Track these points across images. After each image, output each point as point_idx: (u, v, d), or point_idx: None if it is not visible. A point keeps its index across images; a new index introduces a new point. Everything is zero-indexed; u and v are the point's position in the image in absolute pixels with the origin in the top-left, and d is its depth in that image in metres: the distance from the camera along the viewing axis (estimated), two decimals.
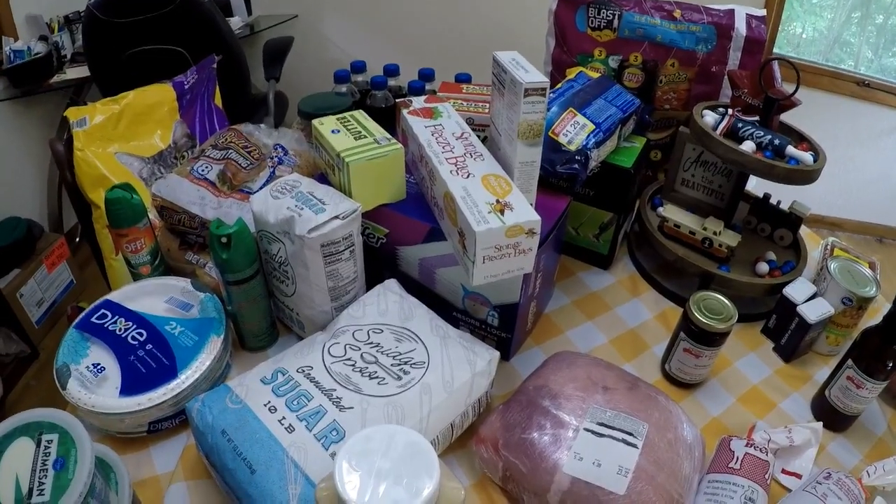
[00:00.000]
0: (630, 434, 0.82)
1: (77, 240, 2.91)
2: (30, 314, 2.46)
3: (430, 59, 2.32)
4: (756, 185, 1.36)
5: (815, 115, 3.14)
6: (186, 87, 1.47)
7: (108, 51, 2.29)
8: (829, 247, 1.29)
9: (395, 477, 0.56)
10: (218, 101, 1.55)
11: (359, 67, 1.43)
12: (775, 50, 3.26)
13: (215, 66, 1.54)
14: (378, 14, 3.32)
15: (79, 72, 2.64)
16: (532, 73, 0.86)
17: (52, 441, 0.69)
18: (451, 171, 0.89)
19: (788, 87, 1.11)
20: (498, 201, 0.83)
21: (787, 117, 1.17)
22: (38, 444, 0.69)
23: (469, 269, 0.85)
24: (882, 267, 3.33)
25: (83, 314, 0.98)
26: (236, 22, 3.01)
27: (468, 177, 0.88)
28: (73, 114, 1.34)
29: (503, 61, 0.90)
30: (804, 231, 1.36)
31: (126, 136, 1.39)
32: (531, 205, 0.85)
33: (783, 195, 1.28)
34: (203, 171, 1.12)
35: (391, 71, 1.42)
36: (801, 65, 3.27)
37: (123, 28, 2.24)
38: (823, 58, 3.39)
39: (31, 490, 0.65)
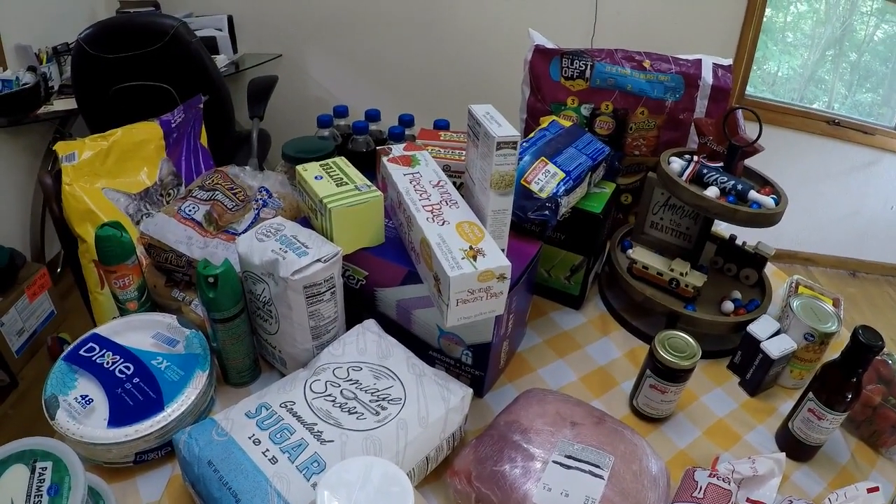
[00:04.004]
0: (596, 466, 0.86)
1: (59, 270, 2.91)
2: (10, 343, 2.45)
3: (411, 100, 2.38)
4: (727, 227, 1.41)
5: (787, 153, 3.23)
6: (173, 125, 1.50)
7: (96, 85, 2.33)
8: (793, 284, 1.33)
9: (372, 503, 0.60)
10: (204, 140, 1.58)
11: (341, 112, 1.46)
12: (750, 89, 3.34)
13: (202, 105, 1.58)
14: (361, 56, 3.37)
15: (66, 103, 2.65)
16: (504, 127, 0.91)
17: (46, 468, 0.72)
18: (427, 218, 0.93)
19: (755, 132, 1.16)
20: (471, 247, 0.88)
21: (756, 158, 1.21)
22: (33, 471, 0.71)
23: (443, 311, 0.89)
24: (855, 300, 3.41)
25: (71, 347, 1.00)
26: (222, 60, 3.04)
27: (443, 224, 0.93)
28: (61, 148, 1.36)
29: (477, 114, 0.94)
30: (771, 269, 1.41)
31: (113, 172, 1.41)
32: (503, 251, 0.90)
33: (752, 234, 1.33)
34: (190, 211, 1.16)
35: (372, 116, 1.45)
36: (773, 105, 3.36)
37: (112, 63, 2.27)
38: (799, 95, 3.47)
39: None
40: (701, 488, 0.90)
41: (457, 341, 1.04)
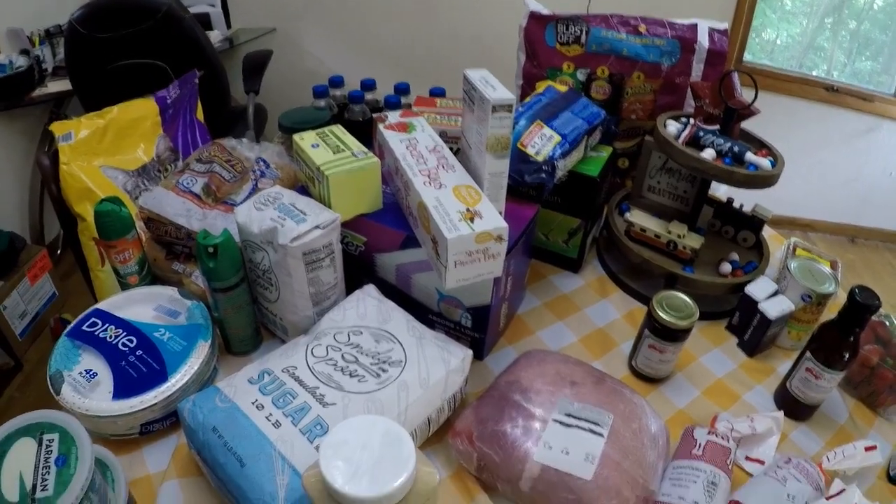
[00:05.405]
0: (596, 424, 0.87)
1: (59, 251, 2.92)
2: (13, 326, 2.46)
3: (407, 71, 2.36)
4: (727, 190, 1.41)
5: (786, 119, 3.22)
6: (169, 101, 1.50)
7: (90, 65, 2.33)
8: (791, 247, 1.34)
9: (375, 462, 0.61)
10: (200, 115, 1.58)
11: (337, 82, 1.46)
12: (748, 57, 3.32)
13: (197, 80, 1.58)
14: (355, 27, 3.35)
15: (60, 85, 2.64)
16: (500, 91, 0.91)
17: (52, 440, 0.73)
18: (424, 183, 0.94)
19: (751, 96, 1.15)
20: (468, 210, 0.88)
21: (755, 123, 1.20)
22: (40, 444, 0.72)
23: (442, 273, 0.89)
24: (854, 266, 3.41)
25: (74, 323, 1.01)
26: (216, 36, 3.02)
27: (440, 187, 0.93)
28: (58, 128, 1.36)
29: (473, 79, 0.94)
30: (769, 232, 1.42)
31: (111, 150, 1.41)
32: (500, 213, 0.90)
33: (750, 198, 1.33)
34: (188, 184, 1.16)
35: (368, 85, 1.45)
36: (771, 72, 3.34)
37: (105, 42, 2.27)
38: (798, 63, 3.45)
39: (34, 486, 0.68)
40: (700, 445, 0.91)
41: (456, 304, 1.04)
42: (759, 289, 1.16)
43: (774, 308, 1.12)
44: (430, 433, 0.94)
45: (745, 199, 1.35)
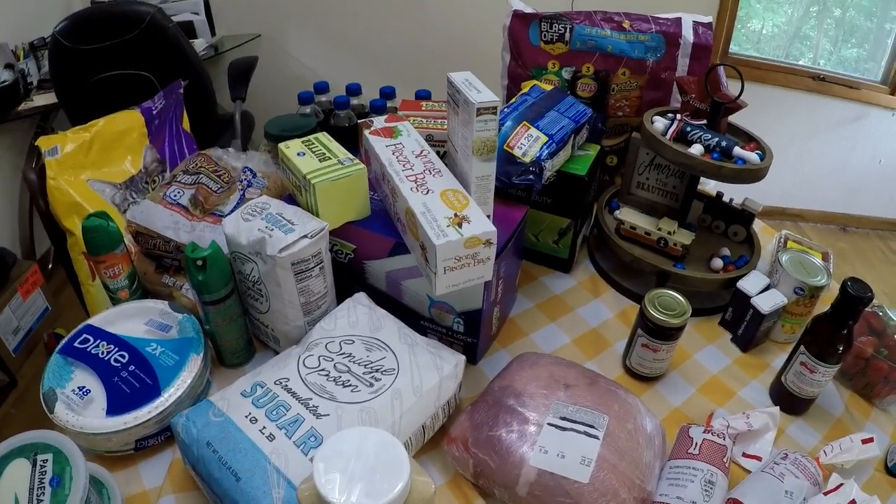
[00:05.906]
0: (591, 426, 0.87)
1: (50, 266, 2.90)
2: (6, 342, 2.44)
3: (392, 73, 2.36)
4: (714, 185, 1.40)
5: (774, 110, 3.22)
6: (154, 112, 1.49)
7: (74, 77, 2.31)
8: (782, 239, 1.34)
9: (370, 473, 0.60)
10: (186, 125, 1.58)
11: (322, 88, 1.45)
12: (734, 48, 3.33)
13: (182, 90, 1.57)
14: (339, 30, 3.34)
15: (46, 98, 2.62)
16: (484, 93, 0.90)
17: (47, 460, 0.72)
18: (411, 188, 0.93)
19: (738, 89, 1.15)
20: (456, 215, 0.88)
21: (743, 115, 1.20)
22: (34, 465, 0.72)
23: (432, 279, 0.89)
24: (846, 255, 3.41)
25: (66, 339, 1.00)
26: (200, 44, 3.01)
27: (427, 193, 0.93)
28: (44, 143, 1.35)
29: (457, 82, 0.94)
30: (759, 225, 1.42)
31: (97, 163, 1.40)
32: (488, 217, 0.90)
33: (739, 191, 1.33)
34: (175, 196, 1.15)
35: (353, 90, 1.44)
36: (757, 62, 3.34)
37: (89, 54, 2.26)
38: (784, 52, 3.46)
39: None
40: (696, 444, 0.91)
41: (447, 309, 1.04)
42: (751, 283, 1.16)
43: (767, 302, 1.12)
44: (425, 440, 0.94)
45: (735, 191, 1.35)
